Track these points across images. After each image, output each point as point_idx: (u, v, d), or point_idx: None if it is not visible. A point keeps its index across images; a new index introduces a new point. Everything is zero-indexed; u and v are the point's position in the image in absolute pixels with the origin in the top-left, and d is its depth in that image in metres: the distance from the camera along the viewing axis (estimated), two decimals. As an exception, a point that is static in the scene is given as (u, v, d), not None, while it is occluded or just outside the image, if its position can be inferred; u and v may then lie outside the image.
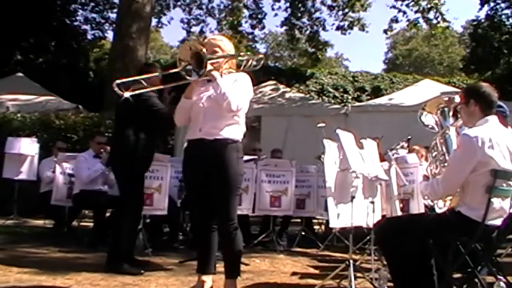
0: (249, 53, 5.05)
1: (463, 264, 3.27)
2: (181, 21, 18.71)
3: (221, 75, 3.44)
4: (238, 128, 3.55)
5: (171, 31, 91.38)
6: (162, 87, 4.15)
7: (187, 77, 3.35)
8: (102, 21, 19.31)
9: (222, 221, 3.50)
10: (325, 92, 16.96)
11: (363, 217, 4.40)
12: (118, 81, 3.58)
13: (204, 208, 3.56)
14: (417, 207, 4.96)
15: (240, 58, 3.72)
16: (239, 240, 3.51)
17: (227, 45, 3.63)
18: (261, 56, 3.72)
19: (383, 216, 4.87)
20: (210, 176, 3.46)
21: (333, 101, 15.83)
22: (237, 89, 3.43)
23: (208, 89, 3.50)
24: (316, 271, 5.03)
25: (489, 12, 18.60)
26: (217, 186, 3.46)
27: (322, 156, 4.90)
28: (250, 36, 18.04)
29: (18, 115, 9.43)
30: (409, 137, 5.80)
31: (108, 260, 4.51)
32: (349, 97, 16.93)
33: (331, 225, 4.36)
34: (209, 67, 3.33)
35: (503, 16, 18.52)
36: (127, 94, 3.61)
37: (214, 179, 3.46)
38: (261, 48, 34.76)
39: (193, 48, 3.30)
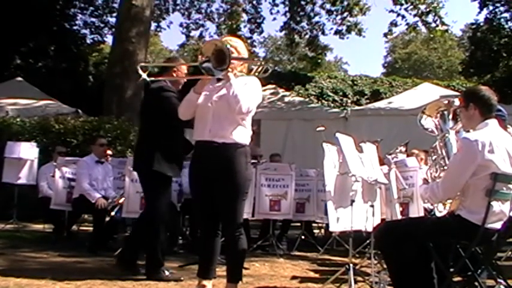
0: (261, 59, 5.12)
1: (463, 268, 3.28)
2: (181, 25, 18.79)
3: (235, 77, 3.44)
4: (246, 132, 3.51)
5: (170, 35, 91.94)
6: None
7: (210, 75, 3.35)
8: (102, 25, 19.35)
9: (229, 226, 3.47)
10: (324, 96, 16.98)
11: (363, 221, 4.40)
12: (142, 64, 3.69)
13: (210, 212, 3.52)
14: (417, 210, 4.96)
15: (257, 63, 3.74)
16: (244, 245, 3.49)
17: (242, 49, 3.63)
18: (271, 64, 3.72)
19: (383, 219, 4.87)
20: (218, 180, 3.42)
21: (332, 105, 15.86)
22: (247, 91, 3.40)
23: (219, 89, 3.48)
24: (316, 275, 5.02)
25: (488, 15, 18.69)
26: (225, 191, 3.42)
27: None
28: (249, 41, 18.05)
29: (18, 119, 9.40)
30: (407, 141, 5.80)
31: (146, 268, 4.45)
32: (349, 101, 16.96)
33: (331, 229, 4.36)
34: None
35: (502, 19, 18.60)
36: (144, 75, 3.63)
37: (223, 184, 3.41)
38: (261, 52, 34.84)
39: (218, 45, 3.30)
